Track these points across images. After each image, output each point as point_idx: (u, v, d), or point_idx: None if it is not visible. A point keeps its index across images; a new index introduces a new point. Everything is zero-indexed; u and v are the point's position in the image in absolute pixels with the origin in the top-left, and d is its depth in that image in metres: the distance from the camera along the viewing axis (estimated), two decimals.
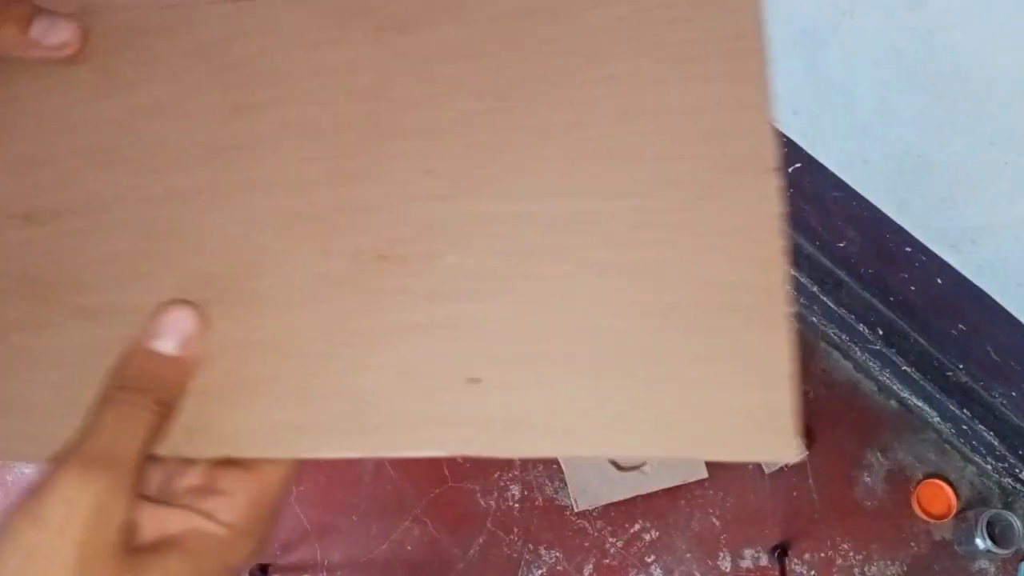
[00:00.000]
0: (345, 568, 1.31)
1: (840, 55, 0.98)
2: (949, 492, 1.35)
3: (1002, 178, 0.92)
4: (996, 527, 1.29)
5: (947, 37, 0.84)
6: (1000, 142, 0.89)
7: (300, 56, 0.37)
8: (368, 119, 0.36)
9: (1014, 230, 0.97)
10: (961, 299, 1.14)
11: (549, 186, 0.34)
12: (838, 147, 1.12)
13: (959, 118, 0.90)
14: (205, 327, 0.34)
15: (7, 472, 1.35)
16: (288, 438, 0.32)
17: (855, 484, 1.38)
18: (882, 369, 1.40)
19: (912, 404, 1.40)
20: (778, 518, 1.35)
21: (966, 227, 1.03)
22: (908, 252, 1.16)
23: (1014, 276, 1.03)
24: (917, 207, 1.08)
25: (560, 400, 0.31)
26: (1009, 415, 1.32)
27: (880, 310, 1.38)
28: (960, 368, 1.34)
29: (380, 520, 1.33)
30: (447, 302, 0.33)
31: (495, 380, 0.32)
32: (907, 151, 1.01)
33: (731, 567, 1.33)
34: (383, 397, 0.32)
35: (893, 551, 1.34)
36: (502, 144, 0.35)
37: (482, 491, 1.34)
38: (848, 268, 1.37)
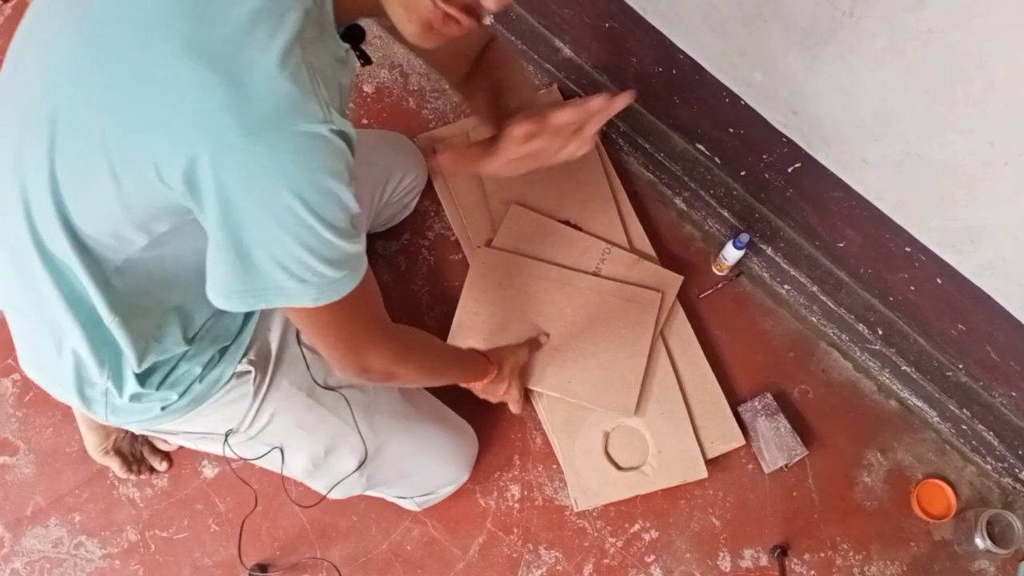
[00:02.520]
0: (345, 568, 1.31)
1: (840, 55, 0.98)
2: (949, 492, 1.35)
3: (1002, 178, 0.92)
4: (996, 527, 1.29)
5: (947, 37, 0.84)
6: (1000, 142, 0.89)
7: None
8: None
9: (1014, 230, 0.97)
10: (961, 299, 1.15)
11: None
12: (838, 147, 1.12)
13: (959, 118, 0.91)
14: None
15: (7, 472, 1.35)
16: None
17: (855, 484, 1.38)
18: (882, 369, 1.40)
19: (912, 404, 1.40)
20: (778, 518, 1.35)
21: (966, 227, 1.03)
22: (908, 252, 1.16)
23: (1014, 276, 1.04)
24: (917, 207, 1.08)
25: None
26: (1009, 415, 1.32)
27: (880, 310, 1.38)
28: (960, 368, 1.34)
29: (380, 520, 1.33)
30: None
31: None
32: (907, 151, 1.01)
33: (731, 567, 1.33)
34: None
35: (893, 551, 1.34)
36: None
37: (482, 491, 1.34)
38: (848, 268, 1.37)
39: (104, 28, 0.63)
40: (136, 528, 1.32)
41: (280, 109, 0.61)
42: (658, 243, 1.46)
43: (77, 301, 0.81)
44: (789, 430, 1.34)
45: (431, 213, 1.49)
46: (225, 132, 0.60)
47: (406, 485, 1.22)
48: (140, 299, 0.82)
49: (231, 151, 0.60)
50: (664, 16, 1.22)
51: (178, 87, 0.60)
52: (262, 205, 0.63)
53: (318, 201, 0.64)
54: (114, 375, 0.88)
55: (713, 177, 1.45)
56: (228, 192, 0.62)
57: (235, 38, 0.60)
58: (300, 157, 0.62)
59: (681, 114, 1.41)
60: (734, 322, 1.45)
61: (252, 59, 0.60)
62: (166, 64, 0.60)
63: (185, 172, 0.62)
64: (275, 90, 0.61)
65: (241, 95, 0.60)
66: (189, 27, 0.60)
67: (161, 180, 0.64)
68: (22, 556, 1.31)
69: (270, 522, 1.32)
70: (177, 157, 0.61)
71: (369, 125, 1.56)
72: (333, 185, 0.65)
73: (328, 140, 0.64)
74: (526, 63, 1.58)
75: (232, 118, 0.60)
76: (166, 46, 0.60)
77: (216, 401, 0.97)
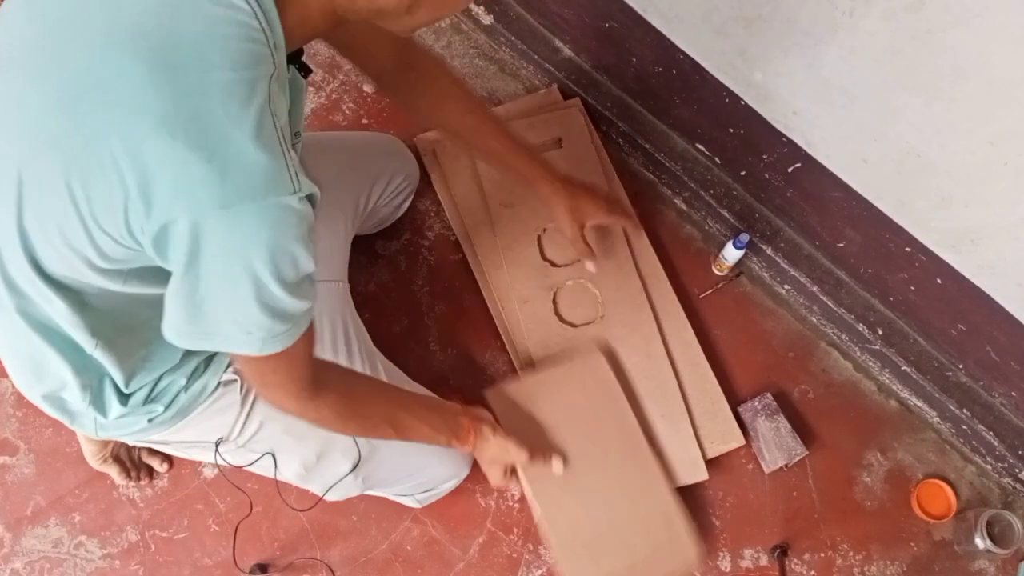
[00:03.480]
0: (345, 568, 1.31)
1: (840, 55, 0.98)
2: (949, 492, 1.35)
3: (1002, 178, 0.92)
4: (996, 527, 1.29)
5: (947, 37, 0.84)
6: (1000, 142, 0.89)
7: None
8: None
9: (1014, 230, 0.97)
10: (961, 299, 1.15)
11: None
12: (838, 147, 1.12)
13: (959, 118, 0.91)
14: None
15: (7, 472, 1.35)
16: None
17: (855, 484, 1.38)
18: (882, 369, 1.40)
19: (912, 404, 1.40)
20: (778, 518, 1.35)
21: (966, 227, 1.03)
22: (908, 252, 1.16)
23: (1014, 276, 1.04)
24: (917, 207, 1.08)
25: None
26: (1009, 415, 1.33)
27: (880, 310, 1.38)
28: (960, 368, 1.34)
29: (380, 520, 1.33)
30: None
31: None
32: (907, 151, 1.01)
33: (731, 567, 1.33)
34: None
35: (893, 551, 1.34)
36: None
37: (482, 491, 1.34)
38: (848, 268, 1.37)
39: (76, 96, 0.62)
40: (136, 528, 1.32)
41: (255, 184, 0.62)
42: (658, 243, 1.46)
43: (51, 331, 0.81)
44: (789, 430, 1.34)
45: (431, 213, 1.49)
46: (201, 205, 0.61)
47: (405, 484, 1.22)
48: (122, 318, 0.83)
49: (206, 221, 0.62)
50: (664, 16, 1.22)
51: (154, 162, 0.60)
52: (226, 267, 0.66)
53: (279, 265, 0.67)
54: (96, 398, 0.89)
55: (713, 177, 1.45)
56: (197, 254, 0.64)
57: (209, 112, 0.60)
58: (271, 227, 0.65)
59: (681, 114, 1.41)
60: (734, 322, 1.45)
61: (227, 134, 0.61)
62: (142, 139, 0.60)
63: (156, 234, 0.63)
64: (250, 165, 0.62)
65: (217, 171, 0.61)
66: (163, 102, 0.60)
67: (132, 237, 0.65)
68: (22, 556, 1.31)
69: (270, 522, 1.32)
70: (150, 221, 0.63)
71: (369, 125, 1.56)
72: (296, 249, 0.67)
73: (296, 210, 0.66)
74: (526, 63, 1.58)
75: (209, 193, 0.61)
76: (142, 122, 0.60)
77: (204, 411, 0.97)
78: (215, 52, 0.61)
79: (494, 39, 1.60)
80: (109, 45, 0.61)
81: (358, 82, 1.59)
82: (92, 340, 0.81)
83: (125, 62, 0.60)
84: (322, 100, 1.58)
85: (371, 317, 1.06)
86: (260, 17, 0.64)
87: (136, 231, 0.64)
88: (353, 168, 1.26)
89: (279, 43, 0.67)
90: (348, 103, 1.58)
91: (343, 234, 1.24)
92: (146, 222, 0.63)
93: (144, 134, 0.60)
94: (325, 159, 1.18)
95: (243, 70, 0.62)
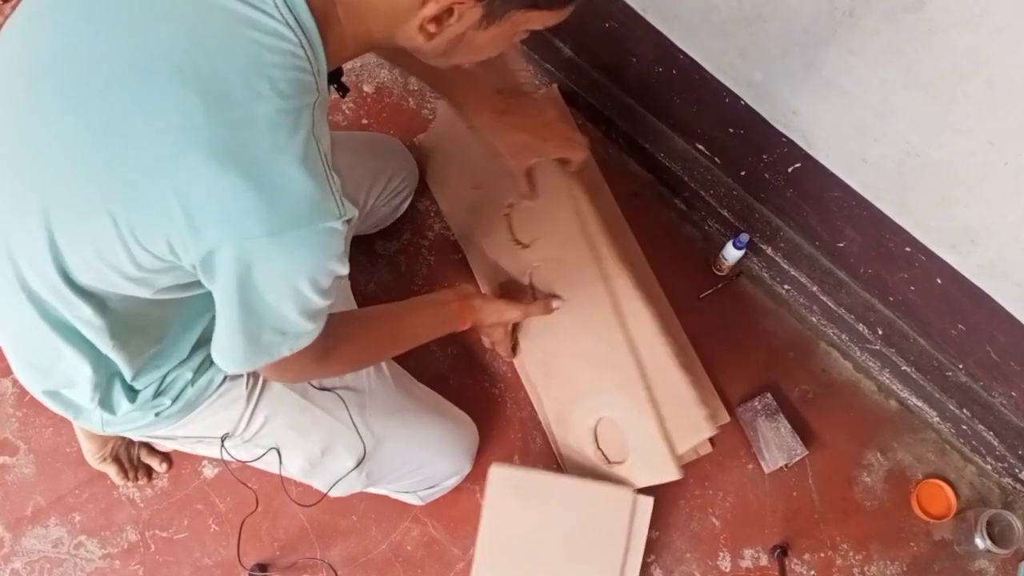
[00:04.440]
0: (345, 568, 1.31)
1: (840, 55, 0.98)
2: (949, 492, 1.35)
3: (1002, 178, 0.92)
4: (996, 527, 1.29)
5: (947, 37, 0.84)
6: (1000, 142, 0.89)
7: None
8: None
9: (1014, 230, 0.97)
10: (961, 299, 1.15)
11: None
12: (838, 147, 1.12)
13: (959, 118, 0.91)
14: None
15: (7, 472, 1.35)
16: None
17: (855, 484, 1.38)
18: (882, 369, 1.40)
19: (912, 404, 1.40)
20: (778, 518, 1.35)
21: (966, 227, 1.03)
22: (908, 252, 1.16)
23: (1014, 276, 1.03)
24: (917, 207, 1.08)
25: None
26: (1009, 415, 1.32)
27: (880, 310, 1.38)
28: (960, 368, 1.34)
29: (380, 520, 1.33)
30: None
31: None
32: (907, 151, 1.01)
33: (731, 567, 1.33)
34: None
35: (893, 551, 1.34)
36: None
37: (482, 491, 1.34)
38: (848, 268, 1.37)
39: (121, 126, 0.62)
40: (136, 528, 1.32)
41: (302, 212, 0.64)
42: (658, 243, 1.46)
43: (70, 330, 0.81)
44: (789, 430, 1.34)
45: (431, 213, 1.49)
46: (250, 233, 0.63)
47: (408, 480, 1.22)
48: (137, 319, 0.83)
49: (254, 248, 0.64)
50: (664, 16, 1.22)
51: (203, 192, 0.61)
52: (275, 289, 0.69)
53: (319, 280, 0.71)
54: (105, 396, 0.90)
55: (713, 177, 1.45)
56: (248, 279, 0.67)
57: (258, 142, 0.61)
58: (316, 250, 0.68)
59: (681, 114, 1.41)
60: (734, 322, 1.45)
61: (275, 163, 0.62)
62: (192, 170, 0.61)
63: (203, 259, 0.65)
64: (298, 194, 0.63)
65: (266, 200, 0.62)
66: (213, 133, 0.60)
67: (175, 257, 0.67)
68: (22, 556, 1.31)
69: (270, 522, 1.32)
70: (197, 247, 0.64)
71: (369, 125, 1.56)
72: (336, 265, 0.71)
73: (339, 231, 0.68)
74: (526, 63, 1.58)
75: (257, 221, 0.63)
76: (191, 153, 0.61)
77: (210, 405, 0.97)
78: (263, 82, 0.62)
79: None
80: (154, 74, 0.61)
81: (358, 82, 1.59)
82: (111, 342, 0.82)
83: (173, 93, 0.60)
84: None
85: None
86: (305, 45, 0.64)
87: (179, 251, 0.66)
88: (351, 168, 1.26)
89: (322, 70, 0.68)
90: (348, 103, 1.58)
91: None
92: (192, 246, 0.64)
93: (194, 165, 0.61)
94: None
95: (290, 99, 0.63)
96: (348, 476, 1.10)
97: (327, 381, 1.06)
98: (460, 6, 0.65)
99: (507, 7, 0.67)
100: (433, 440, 1.19)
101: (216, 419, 0.99)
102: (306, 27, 0.64)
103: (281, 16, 0.62)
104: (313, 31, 0.65)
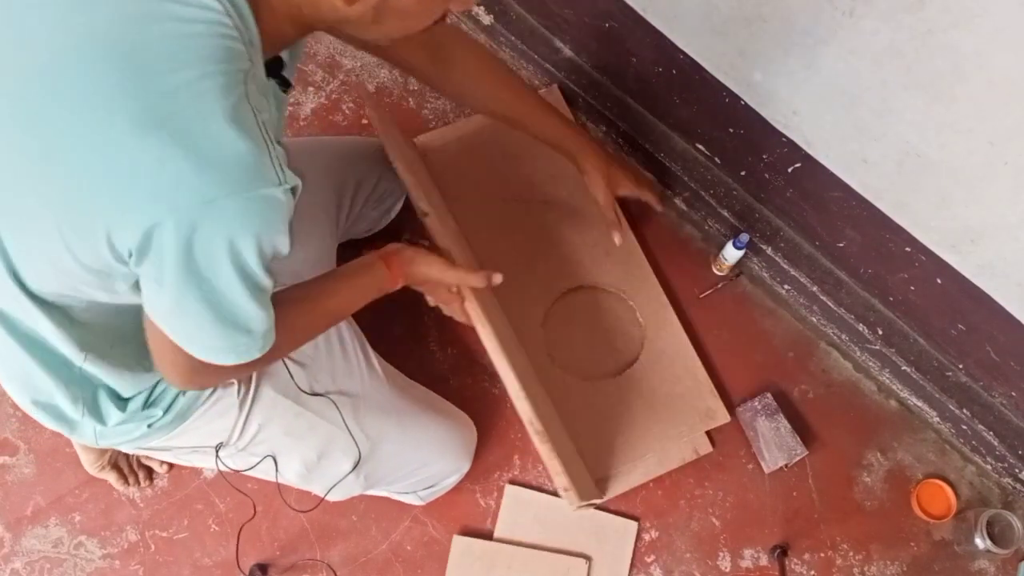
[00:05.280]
0: (345, 568, 1.31)
1: (840, 55, 0.98)
2: (949, 492, 1.35)
3: (1002, 178, 0.92)
4: (996, 527, 1.29)
5: (947, 37, 0.84)
6: (1000, 142, 0.89)
7: None
8: None
9: (1013, 230, 0.97)
10: (961, 299, 1.15)
11: None
12: (838, 147, 1.12)
13: (959, 118, 0.91)
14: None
15: (7, 472, 1.35)
16: None
17: (855, 484, 1.38)
18: (882, 369, 1.40)
19: (912, 404, 1.40)
20: (778, 518, 1.35)
21: (966, 227, 1.03)
22: (908, 252, 1.16)
23: (1014, 276, 1.03)
24: (917, 207, 1.08)
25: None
26: (1009, 415, 1.32)
27: (880, 310, 1.38)
28: (960, 368, 1.34)
29: (380, 520, 1.33)
30: None
31: None
32: (907, 151, 1.01)
33: (731, 567, 1.33)
34: None
35: (893, 551, 1.34)
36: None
37: (482, 491, 1.34)
38: (848, 268, 1.37)
39: (42, 110, 0.61)
40: (136, 528, 1.32)
41: (235, 177, 0.61)
42: (658, 243, 1.46)
43: (36, 344, 0.80)
44: (789, 430, 1.34)
45: None
46: (183, 203, 0.60)
47: (407, 480, 1.22)
48: (115, 330, 0.82)
49: (189, 221, 0.61)
50: (664, 16, 1.22)
51: (131, 163, 0.59)
52: (220, 264, 0.65)
53: (267, 250, 0.68)
54: (90, 409, 0.89)
55: (713, 177, 1.45)
56: (188, 260, 0.64)
57: (182, 109, 0.59)
58: (255, 218, 0.64)
59: (681, 114, 1.41)
60: (734, 322, 1.45)
61: (201, 128, 0.60)
62: (116, 143, 0.59)
63: (140, 243, 0.62)
64: (228, 158, 0.61)
65: (193, 167, 0.59)
66: (134, 105, 0.59)
67: (112, 251, 0.64)
68: (22, 556, 1.31)
69: (270, 522, 1.32)
70: (132, 229, 0.61)
71: (369, 124, 1.56)
72: (280, 240, 0.68)
73: (281, 201, 0.65)
74: (526, 63, 1.58)
75: (188, 190, 0.60)
76: (113, 127, 0.59)
77: (203, 415, 0.96)
78: (185, 51, 0.60)
79: (494, 39, 1.60)
80: (76, 57, 0.59)
81: (358, 82, 1.59)
82: (80, 354, 0.80)
83: (94, 73, 0.59)
84: (322, 100, 1.58)
85: (371, 317, 1.06)
86: (232, 14, 0.63)
87: (117, 242, 0.63)
88: (337, 171, 1.26)
89: (254, 40, 0.66)
90: (348, 103, 1.58)
91: (329, 238, 1.24)
92: (128, 231, 0.62)
93: (118, 140, 0.59)
94: (308, 163, 1.16)
95: (216, 64, 0.61)
96: (346, 479, 1.10)
97: (319, 386, 1.05)
98: None
99: None
100: (430, 440, 1.19)
101: (210, 428, 0.98)
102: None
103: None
104: (241, 3, 0.63)
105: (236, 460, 1.04)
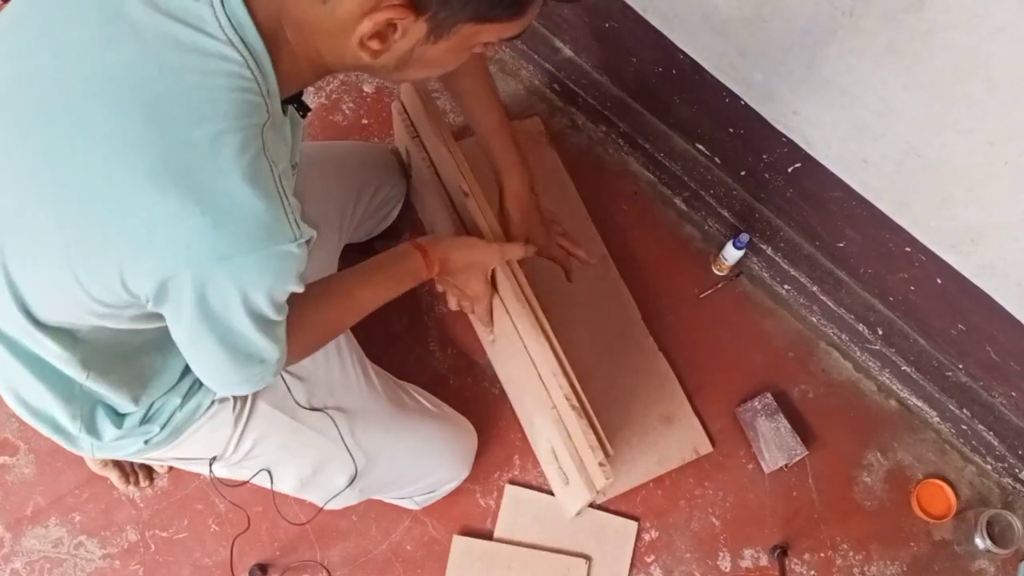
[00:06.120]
0: (345, 568, 1.31)
1: (840, 55, 0.98)
2: (949, 492, 1.36)
3: (1002, 178, 0.92)
4: (996, 527, 1.29)
5: (947, 37, 0.84)
6: (1000, 142, 0.89)
7: None
8: None
9: (1013, 230, 0.97)
10: (961, 299, 1.15)
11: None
12: (838, 147, 1.12)
13: (959, 118, 0.91)
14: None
15: (7, 472, 1.35)
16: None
17: (855, 484, 1.38)
18: (882, 369, 1.40)
19: (912, 404, 1.40)
20: (778, 518, 1.35)
21: (966, 227, 1.03)
22: (908, 252, 1.16)
23: (1014, 276, 1.03)
24: (917, 207, 1.08)
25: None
26: (1009, 415, 1.32)
27: (880, 310, 1.38)
28: (960, 368, 1.34)
29: (380, 520, 1.33)
30: None
31: None
32: (907, 151, 1.01)
33: (731, 567, 1.33)
34: None
35: (893, 551, 1.34)
36: None
37: (482, 491, 1.34)
38: (848, 268, 1.37)
39: (67, 154, 0.61)
40: (136, 528, 1.32)
41: (252, 235, 0.62)
42: (658, 243, 1.46)
43: (37, 362, 0.80)
44: (789, 430, 1.34)
45: None
46: (199, 259, 0.61)
47: (405, 490, 1.22)
48: (117, 348, 0.82)
49: (204, 275, 0.63)
50: (664, 16, 1.22)
51: (148, 215, 0.60)
52: (234, 312, 0.68)
53: (276, 299, 0.71)
54: (87, 425, 0.88)
55: (713, 177, 1.45)
56: (203, 307, 0.66)
57: (201, 165, 0.60)
58: (270, 274, 0.67)
59: (681, 114, 1.41)
60: (734, 322, 1.45)
61: (220, 185, 0.60)
62: (134, 193, 0.59)
63: (156, 291, 0.64)
64: (246, 216, 0.62)
65: (211, 224, 0.60)
66: (152, 158, 0.59)
67: (127, 291, 0.65)
68: (22, 556, 1.31)
69: (270, 522, 1.32)
70: (148, 277, 0.63)
71: (369, 125, 1.56)
72: (293, 286, 0.71)
73: (295, 255, 0.67)
74: (526, 63, 1.58)
75: (204, 247, 0.61)
76: (131, 179, 0.59)
77: (199, 429, 0.96)
78: (206, 104, 0.60)
79: None
80: (97, 101, 0.60)
81: (358, 82, 1.59)
82: (83, 372, 0.80)
83: (115, 118, 0.59)
84: (322, 100, 1.58)
85: (371, 317, 1.06)
86: (252, 66, 0.63)
87: (131, 284, 0.64)
88: (338, 181, 1.25)
89: (272, 90, 0.66)
90: (348, 103, 1.58)
91: (332, 248, 1.23)
92: (143, 278, 0.63)
93: (136, 191, 0.59)
94: (310, 172, 1.16)
95: (235, 120, 0.61)
96: (343, 492, 1.10)
97: (316, 401, 1.05)
98: (402, 22, 0.62)
99: (453, 21, 0.64)
100: (429, 451, 1.18)
101: (205, 443, 0.98)
102: (253, 48, 0.63)
103: (226, 37, 0.61)
104: (261, 52, 0.63)
105: (231, 472, 1.04)
